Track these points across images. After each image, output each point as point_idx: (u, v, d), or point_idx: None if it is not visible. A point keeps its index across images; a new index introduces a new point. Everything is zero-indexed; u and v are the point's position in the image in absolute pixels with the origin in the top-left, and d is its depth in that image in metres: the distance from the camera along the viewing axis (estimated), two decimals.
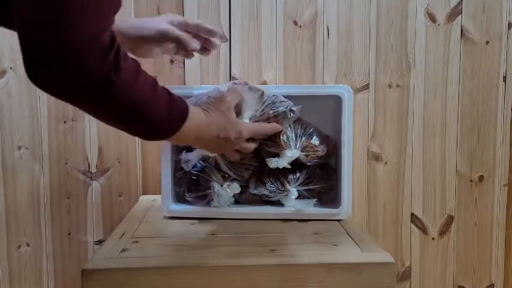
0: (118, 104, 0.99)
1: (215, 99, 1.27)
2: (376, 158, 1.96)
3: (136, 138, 1.90)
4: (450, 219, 2.00)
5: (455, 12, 1.93)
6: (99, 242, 1.92)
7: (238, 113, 1.31)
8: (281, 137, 1.39)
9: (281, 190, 1.43)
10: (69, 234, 1.93)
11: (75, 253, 1.93)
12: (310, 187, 1.44)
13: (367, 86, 1.94)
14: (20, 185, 1.89)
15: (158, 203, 1.58)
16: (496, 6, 1.94)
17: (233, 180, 1.45)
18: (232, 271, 1.08)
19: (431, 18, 1.92)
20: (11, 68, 1.85)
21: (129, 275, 1.07)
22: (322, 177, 1.48)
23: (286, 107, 1.38)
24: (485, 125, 1.97)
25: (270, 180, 1.44)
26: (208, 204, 1.46)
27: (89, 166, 1.92)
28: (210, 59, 1.89)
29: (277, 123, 1.37)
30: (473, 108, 1.97)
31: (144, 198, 1.79)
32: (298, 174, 1.44)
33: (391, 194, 1.98)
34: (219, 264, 1.09)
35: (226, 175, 1.45)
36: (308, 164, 1.44)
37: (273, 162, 1.38)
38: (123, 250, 1.16)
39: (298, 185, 1.43)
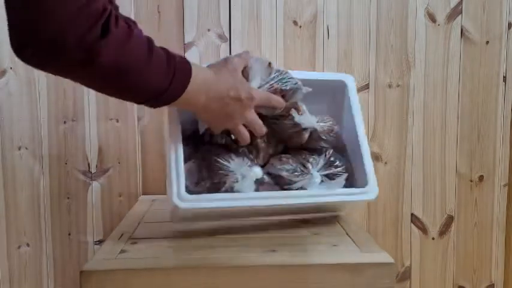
0: (108, 71, 0.95)
1: (220, 61, 1.23)
2: (376, 158, 1.94)
3: (137, 138, 1.89)
4: (450, 219, 1.98)
5: (455, 12, 1.91)
6: (99, 242, 1.91)
7: (246, 79, 1.24)
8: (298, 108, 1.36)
9: (303, 172, 1.37)
10: (69, 234, 1.91)
11: (75, 253, 1.91)
12: (331, 171, 1.38)
13: (367, 86, 1.92)
14: (20, 185, 1.87)
15: (158, 203, 1.57)
16: (496, 6, 1.92)
17: (253, 165, 1.32)
18: (232, 272, 1.06)
19: (431, 18, 1.91)
20: (11, 68, 1.83)
21: (128, 276, 1.05)
22: (340, 162, 1.43)
23: (295, 84, 1.31)
24: (485, 125, 1.96)
25: (291, 164, 1.36)
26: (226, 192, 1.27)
27: (89, 166, 1.90)
28: (210, 59, 1.86)
29: (284, 99, 1.29)
30: (473, 108, 1.95)
31: (144, 199, 1.76)
32: (318, 159, 1.37)
33: (391, 194, 1.96)
34: (218, 265, 1.07)
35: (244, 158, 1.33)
36: (324, 138, 1.39)
37: (297, 116, 1.33)
38: (122, 251, 1.14)
39: (319, 170, 1.38)
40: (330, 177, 1.36)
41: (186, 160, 1.28)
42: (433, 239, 1.98)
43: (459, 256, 2.00)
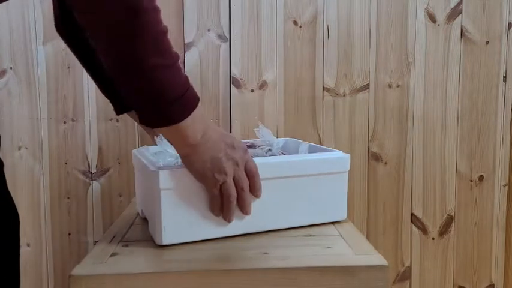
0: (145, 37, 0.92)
1: None
2: (376, 158, 1.91)
3: (137, 138, 1.86)
4: (450, 219, 1.94)
5: (455, 12, 1.87)
6: None
7: None
8: None
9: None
10: (69, 234, 1.88)
11: (75, 253, 1.88)
12: None
13: (367, 86, 1.88)
14: (20, 185, 1.84)
15: None
16: (496, 6, 1.88)
17: None
18: (224, 275, 1.02)
19: (431, 18, 1.87)
20: (11, 68, 1.80)
21: (118, 281, 1.01)
22: None
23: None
24: (485, 125, 1.92)
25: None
26: None
27: (89, 166, 1.87)
28: (210, 59, 1.84)
29: None
30: (473, 109, 1.91)
31: None
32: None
33: (391, 194, 1.93)
34: (210, 268, 1.03)
35: None
36: None
37: None
38: (113, 254, 1.10)
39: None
40: None
41: None
42: (433, 239, 1.95)
43: (459, 256, 1.96)
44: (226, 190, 1.09)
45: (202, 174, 1.08)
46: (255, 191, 1.15)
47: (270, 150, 1.41)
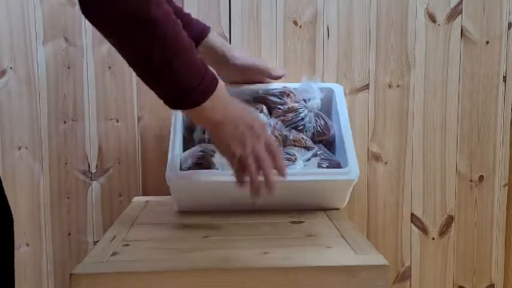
0: (156, 31, 1.02)
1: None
2: (376, 158, 1.91)
3: (137, 138, 1.86)
4: (450, 219, 1.95)
5: (455, 12, 1.87)
6: None
7: None
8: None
9: (289, 160, 1.43)
10: (69, 234, 1.88)
11: (75, 253, 1.88)
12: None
13: (367, 86, 1.88)
14: (20, 185, 1.85)
15: (152, 205, 1.54)
16: (496, 7, 1.88)
17: None
18: (225, 274, 1.03)
19: (431, 18, 1.87)
20: (11, 68, 1.80)
21: (119, 280, 1.01)
22: (326, 155, 1.50)
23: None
24: (485, 125, 1.92)
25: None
26: None
27: (89, 166, 1.87)
28: None
29: None
30: (473, 109, 1.91)
31: (138, 200, 1.71)
32: (306, 152, 1.47)
33: (391, 194, 1.93)
34: (211, 267, 1.04)
35: None
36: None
37: None
38: (113, 254, 1.11)
39: (305, 160, 1.44)
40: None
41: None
42: (433, 239, 1.95)
43: (459, 256, 1.96)
44: (245, 161, 1.19)
45: (223, 149, 1.21)
46: (278, 169, 1.23)
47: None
